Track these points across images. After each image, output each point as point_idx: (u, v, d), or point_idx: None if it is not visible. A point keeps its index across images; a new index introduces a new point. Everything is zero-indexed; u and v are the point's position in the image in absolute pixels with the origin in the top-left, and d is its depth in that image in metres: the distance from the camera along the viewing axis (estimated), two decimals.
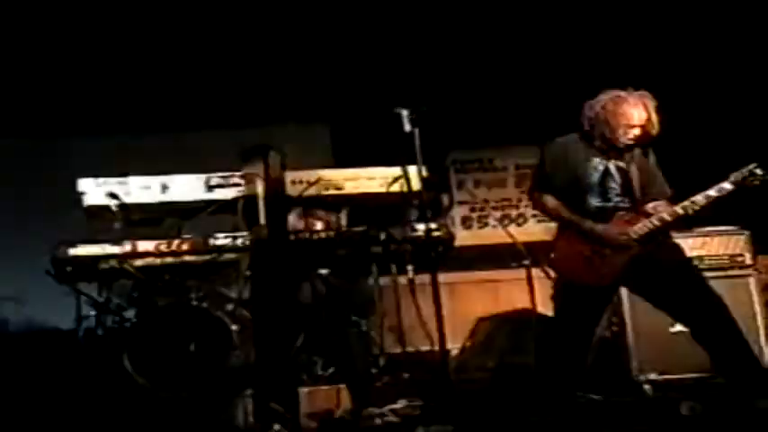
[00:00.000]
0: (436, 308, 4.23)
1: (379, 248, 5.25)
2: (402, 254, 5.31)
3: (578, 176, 4.39)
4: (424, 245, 4.99)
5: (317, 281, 5.42)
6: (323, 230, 5.30)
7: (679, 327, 4.72)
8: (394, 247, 5.23)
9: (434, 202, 5.46)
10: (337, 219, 5.53)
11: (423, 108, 4.38)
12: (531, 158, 7.08)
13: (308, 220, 5.50)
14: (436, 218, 5.34)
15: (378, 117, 4.55)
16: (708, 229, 5.46)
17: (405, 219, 5.29)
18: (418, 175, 4.54)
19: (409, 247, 5.24)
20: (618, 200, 4.37)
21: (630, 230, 4.28)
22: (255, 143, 5.00)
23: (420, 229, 5.12)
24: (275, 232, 4.90)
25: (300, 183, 5.23)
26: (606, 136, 4.35)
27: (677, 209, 4.24)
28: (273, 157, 4.93)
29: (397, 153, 4.66)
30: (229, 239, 5.11)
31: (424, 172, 4.56)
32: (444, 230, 5.28)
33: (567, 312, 4.44)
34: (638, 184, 4.36)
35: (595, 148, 4.40)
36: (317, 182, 5.26)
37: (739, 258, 5.49)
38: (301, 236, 5.21)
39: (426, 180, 4.66)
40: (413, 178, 4.64)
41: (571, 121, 4.50)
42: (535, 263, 5.41)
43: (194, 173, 5.30)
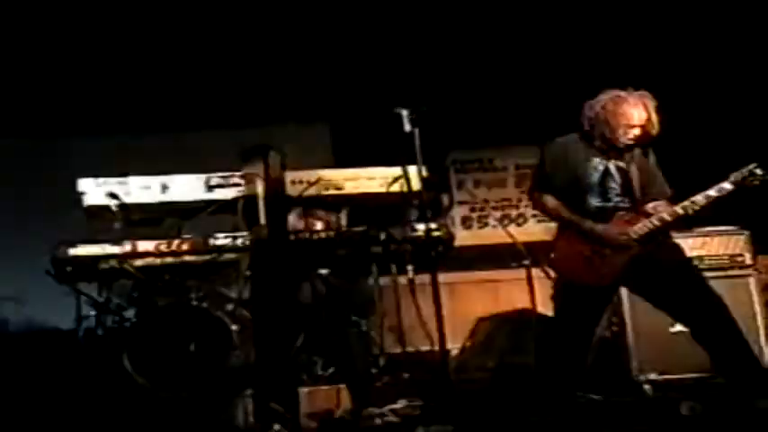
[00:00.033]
0: (436, 308, 4.23)
1: (379, 248, 5.24)
2: (402, 254, 5.31)
3: (578, 176, 4.38)
4: (424, 245, 4.98)
5: (316, 281, 5.43)
6: (323, 230, 5.30)
7: (679, 327, 4.73)
8: (394, 247, 5.23)
9: (434, 202, 5.45)
10: (337, 219, 5.53)
11: (423, 108, 4.37)
12: (531, 158, 7.08)
13: (307, 219, 5.51)
14: (436, 218, 5.33)
15: (378, 117, 4.54)
16: (708, 229, 5.46)
17: (405, 219, 5.29)
18: (418, 175, 4.54)
19: (409, 247, 5.24)
20: (618, 200, 4.37)
21: (630, 230, 4.28)
22: (255, 143, 5.00)
23: (420, 229, 5.11)
24: (275, 232, 4.90)
25: (300, 183, 5.22)
26: (606, 136, 4.35)
27: (677, 209, 4.24)
28: (273, 157, 4.93)
29: (397, 153, 4.65)
30: (229, 239, 5.10)
31: (424, 172, 4.55)
32: (444, 230, 5.27)
33: (567, 312, 4.44)
34: (638, 184, 4.36)
35: (595, 148, 4.39)
36: (317, 182, 5.26)
37: (739, 258, 5.49)
38: (301, 236, 5.20)
39: (426, 180, 4.65)
40: (413, 178, 4.63)
41: (571, 121, 4.49)
42: (535, 263, 5.41)
43: (194, 173, 5.29)
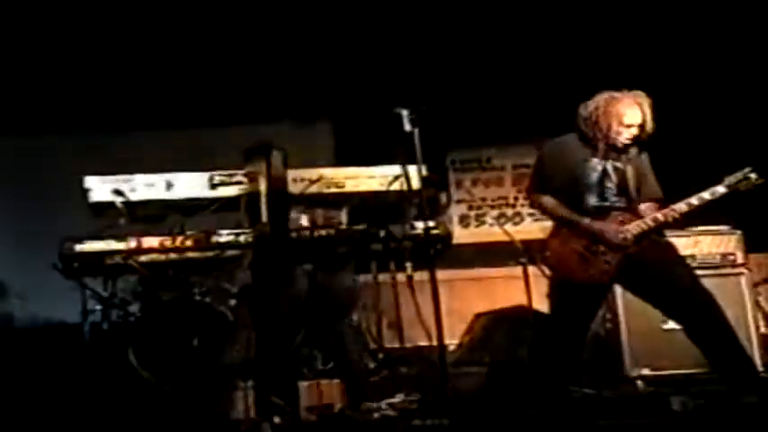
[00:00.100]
0: (434, 304, 4.26)
1: (379, 246, 5.28)
2: (401, 251, 5.35)
3: (576, 176, 4.40)
4: (422, 242, 5.00)
5: (301, 276, 5.43)
6: (322, 227, 5.31)
7: (671, 324, 4.69)
8: (393, 244, 5.26)
9: (432, 200, 5.46)
10: (327, 215, 5.54)
11: (423, 108, 4.40)
12: (528, 158, 7.18)
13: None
14: (434, 216, 5.34)
15: (379, 117, 4.56)
16: (701, 228, 5.45)
17: (404, 217, 5.31)
18: (418, 174, 4.55)
19: (408, 245, 5.27)
20: (615, 199, 4.39)
21: (625, 230, 4.31)
22: (258, 142, 5.00)
23: (419, 227, 5.14)
24: (277, 229, 4.93)
25: (302, 181, 5.28)
26: (602, 136, 4.37)
27: (671, 210, 4.28)
28: (276, 156, 4.88)
29: (397, 152, 4.69)
30: (232, 236, 5.16)
31: (423, 171, 4.56)
32: (442, 228, 5.32)
33: (562, 309, 4.47)
34: (633, 184, 4.39)
35: (593, 148, 4.41)
36: (318, 180, 5.32)
37: (731, 257, 5.46)
38: (302, 233, 5.22)
39: (426, 179, 4.67)
40: (412, 177, 4.63)
41: (568, 121, 4.51)
42: (531, 261, 5.46)
43: (198, 170, 5.34)
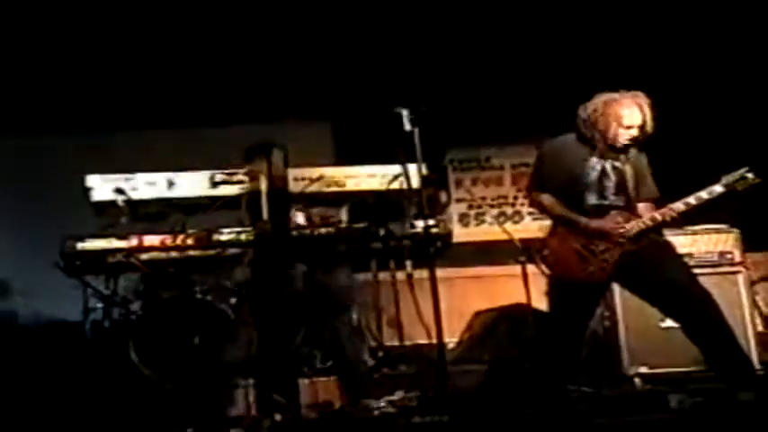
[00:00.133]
0: (434, 302, 4.29)
1: (379, 244, 5.27)
2: (401, 250, 5.36)
3: (575, 175, 4.44)
4: (422, 241, 4.99)
5: (298, 275, 5.44)
6: (321, 226, 5.31)
7: (669, 322, 4.73)
8: (393, 243, 5.25)
9: (432, 199, 5.48)
10: (324, 214, 5.54)
11: (422, 108, 4.42)
12: (528, 157, 7.21)
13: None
14: (434, 215, 5.32)
15: (379, 116, 4.58)
16: (698, 227, 5.48)
17: (404, 216, 5.29)
18: (418, 173, 4.57)
19: (408, 244, 5.26)
20: (613, 198, 4.43)
21: (623, 225, 4.36)
22: (259, 141, 5.02)
23: (419, 225, 5.12)
24: (278, 228, 4.95)
25: (303, 179, 5.25)
26: (602, 137, 4.40)
27: (669, 209, 4.33)
28: (276, 155, 4.89)
29: (397, 151, 4.69)
30: (233, 234, 5.16)
31: (423, 170, 4.59)
32: (442, 227, 5.29)
33: (560, 308, 4.52)
34: (632, 183, 4.43)
35: (592, 147, 4.45)
36: (318, 179, 5.30)
37: (729, 256, 5.49)
38: (303, 232, 5.21)
39: (426, 178, 4.69)
40: (413, 176, 4.65)
41: (567, 121, 4.55)
42: (530, 259, 5.45)
43: (199, 169, 5.30)
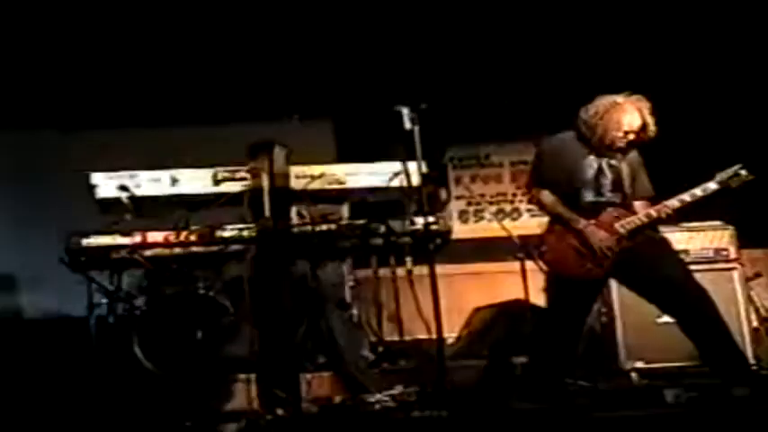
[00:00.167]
0: (434, 298, 4.34)
1: (379, 241, 5.34)
2: (401, 246, 5.41)
3: (574, 173, 4.48)
4: (422, 238, 5.03)
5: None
6: (321, 222, 5.35)
7: (665, 318, 4.73)
8: (393, 239, 5.32)
9: (432, 196, 5.52)
10: (322, 211, 5.57)
11: (422, 106, 4.45)
12: (526, 155, 7.24)
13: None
14: (434, 212, 5.35)
15: (379, 115, 4.60)
16: (694, 224, 5.49)
17: (404, 213, 5.37)
18: (418, 170, 4.61)
19: (408, 240, 5.33)
20: (610, 195, 4.47)
21: (619, 225, 4.40)
22: (261, 139, 5.05)
23: (419, 222, 5.18)
24: (279, 224, 4.99)
25: (304, 177, 5.33)
26: (603, 140, 4.44)
27: (664, 206, 4.37)
28: (278, 153, 4.94)
29: (397, 149, 4.76)
30: (236, 231, 5.21)
31: (423, 168, 4.62)
32: (442, 224, 5.36)
33: (558, 304, 4.56)
34: (628, 181, 4.48)
35: (590, 146, 4.49)
36: (320, 176, 5.37)
37: (724, 252, 5.51)
38: (304, 228, 5.26)
39: (426, 175, 4.73)
40: (413, 174, 4.70)
41: (565, 118, 4.58)
42: (529, 256, 5.50)
43: (202, 167, 5.38)
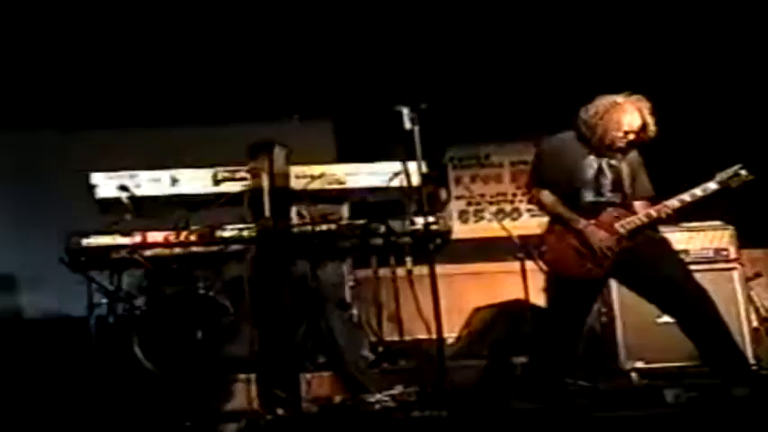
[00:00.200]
0: (434, 298, 4.34)
1: (380, 241, 5.34)
2: (401, 246, 5.41)
3: (573, 173, 4.49)
4: (422, 238, 5.04)
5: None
6: (324, 222, 5.36)
7: (665, 318, 4.74)
8: (393, 239, 5.33)
9: (432, 196, 5.52)
10: (320, 211, 5.58)
11: (422, 106, 4.46)
12: (526, 155, 7.25)
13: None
14: (434, 212, 5.36)
15: (379, 115, 4.61)
16: (694, 224, 5.51)
17: (404, 213, 5.37)
18: (418, 170, 4.62)
19: (408, 240, 5.34)
20: (610, 195, 4.48)
21: (619, 225, 4.41)
22: (262, 139, 5.05)
23: (419, 222, 5.19)
24: (279, 224, 4.99)
25: (304, 177, 5.33)
26: (602, 140, 4.45)
27: (664, 206, 4.38)
28: (278, 152, 4.94)
29: (397, 149, 4.76)
30: (236, 231, 5.22)
31: (423, 168, 4.63)
32: (442, 224, 5.36)
33: (558, 304, 4.56)
34: (628, 181, 4.49)
35: (589, 146, 4.50)
36: (320, 176, 5.37)
37: (724, 252, 5.52)
38: (304, 228, 5.27)
39: (426, 176, 4.73)
40: (413, 174, 4.71)
41: (565, 118, 4.59)
42: (529, 256, 5.50)
43: (202, 167, 5.39)
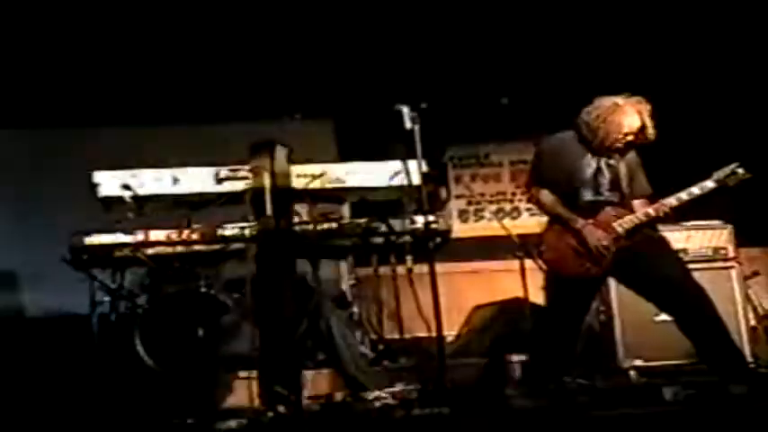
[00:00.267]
0: (434, 297, 4.37)
1: (380, 239, 5.36)
2: (402, 245, 5.42)
3: (572, 172, 4.52)
4: (422, 236, 5.05)
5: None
6: (325, 221, 5.39)
7: (663, 316, 4.77)
8: (394, 238, 5.34)
9: (432, 195, 5.55)
10: (320, 210, 5.61)
11: (423, 105, 4.50)
12: (525, 154, 7.28)
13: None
14: (434, 211, 5.38)
15: (380, 114, 4.65)
16: (693, 223, 5.54)
17: (405, 211, 5.40)
18: (418, 170, 4.65)
19: (409, 239, 5.35)
20: (608, 194, 4.51)
21: (617, 224, 4.44)
22: (263, 138, 5.08)
23: (419, 221, 5.20)
24: (281, 223, 5.02)
25: (305, 176, 5.33)
26: (604, 142, 4.49)
27: (662, 205, 4.41)
28: (280, 152, 4.94)
29: (397, 148, 4.80)
30: (237, 229, 5.24)
31: (423, 167, 4.66)
32: (442, 223, 5.37)
33: (557, 302, 4.60)
34: (625, 180, 4.52)
35: (588, 146, 4.53)
36: (321, 175, 5.38)
37: (722, 251, 5.57)
38: (305, 227, 5.30)
39: (426, 175, 4.77)
40: (413, 173, 4.74)
41: (564, 118, 4.62)
42: (528, 254, 5.53)
43: (204, 165, 5.39)
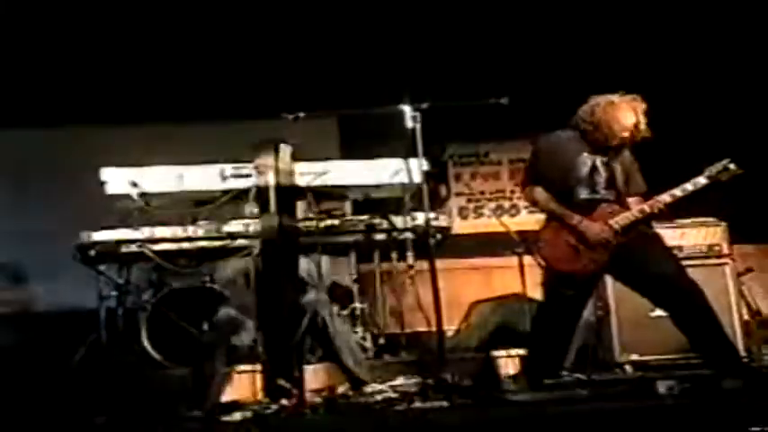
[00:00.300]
0: (434, 292, 4.43)
1: (382, 236, 5.46)
2: (403, 241, 5.52)
3: (569, 170, 4.58)
4: (423, 233, 5.08)
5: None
6: (327, 218, 5.46)
7: (658, 312, 4.80)
8: (395, 235, 5.44)
9: (432, 193, 5.63)
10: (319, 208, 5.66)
11: (424, 104, 4.56)
12: (524, 152, 7.26)
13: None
14: (434, 208, 5.53)
15: (381, 113, 4.68)
16: (687, 220, 5.59)
17: (405, 208, 5.47)
18: (419, 168, 4.70)
19: (410, 236, 5.44)
20: (604, 192, 4.57)
21: (613, 221, 4.50)
22: (267, 136, 5.10)
23: (419, 218, 5.28)
24: (285, 220, 5.09)
25: (309, 173, 5.43)
26: (599, 139, 4.55)
27: (656, 201, 4.47)
28: (284, 150, 4.97)
29: (399, 147, 4.87)
30: (242, 226, 5.32)
31: (424, 165, 4.71)
32: (442, 220, 5.49)
33: (555, 298, 4.65)
34: (621, 178, 4.58)
35: (584, 144, 4.59)
36: (324, 173, 5.47)
37: (716, 248, 5.60)
38: (308, 224, 5.37)
39: (427, 172, 4.82)
40: (414, 171, 4.82)
41: (562, 117, 4.68)
42: (527, 251, 5.58)
43: (209, 163, 5.49)
